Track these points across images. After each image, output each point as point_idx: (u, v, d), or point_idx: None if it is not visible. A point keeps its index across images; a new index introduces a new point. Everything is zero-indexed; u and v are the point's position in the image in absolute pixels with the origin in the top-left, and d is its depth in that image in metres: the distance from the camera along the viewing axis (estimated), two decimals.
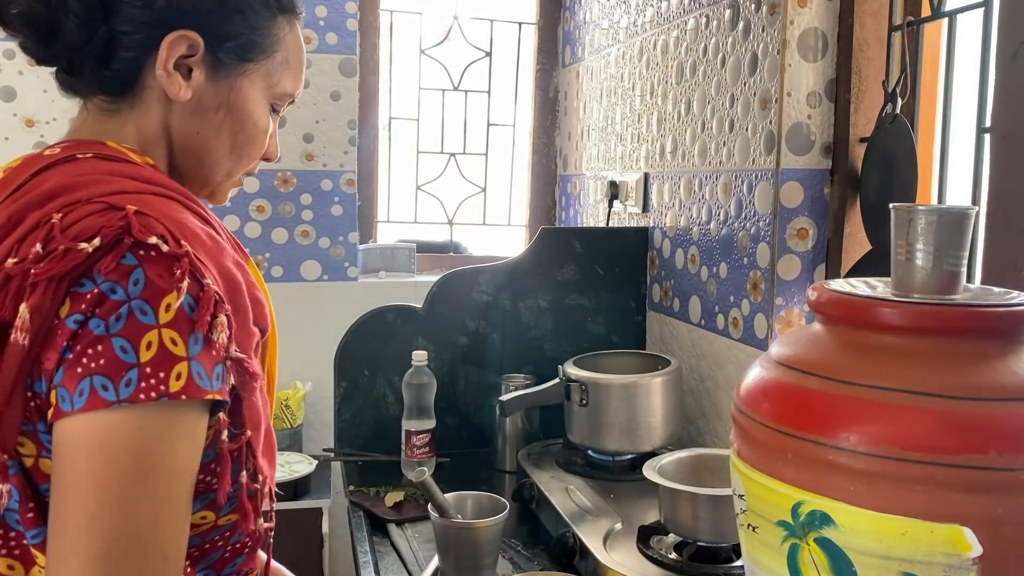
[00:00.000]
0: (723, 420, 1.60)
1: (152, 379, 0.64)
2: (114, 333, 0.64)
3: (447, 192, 2.67)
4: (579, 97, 2.42)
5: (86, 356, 0.64)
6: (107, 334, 0.64)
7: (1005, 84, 1.07)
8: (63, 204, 0.68)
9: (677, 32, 1.75)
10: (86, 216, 0.67)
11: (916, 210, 0.74)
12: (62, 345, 0.64)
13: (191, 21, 0.78)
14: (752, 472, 0.75)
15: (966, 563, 0.63)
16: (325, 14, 2.32)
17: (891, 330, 0.71)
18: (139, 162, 0.78)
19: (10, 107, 2.18)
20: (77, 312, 0.64)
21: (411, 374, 1.65)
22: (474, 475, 1.66)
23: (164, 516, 0.66)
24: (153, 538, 0.65)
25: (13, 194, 0.72)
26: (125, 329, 0.64)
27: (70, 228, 0.67)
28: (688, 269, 1.72)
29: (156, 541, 0.65)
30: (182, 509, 0.68)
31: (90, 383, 0.63)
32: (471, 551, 1.19)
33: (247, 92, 0.83)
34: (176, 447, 0.66)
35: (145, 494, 0.65)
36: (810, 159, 1.41)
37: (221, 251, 0.73)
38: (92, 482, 0.63)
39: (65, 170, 0.73)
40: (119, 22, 0.76)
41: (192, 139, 0.82)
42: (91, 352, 0.64)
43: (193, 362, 0.66)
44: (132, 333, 0.64)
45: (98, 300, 0.64)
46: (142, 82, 0.79)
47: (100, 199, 0.69)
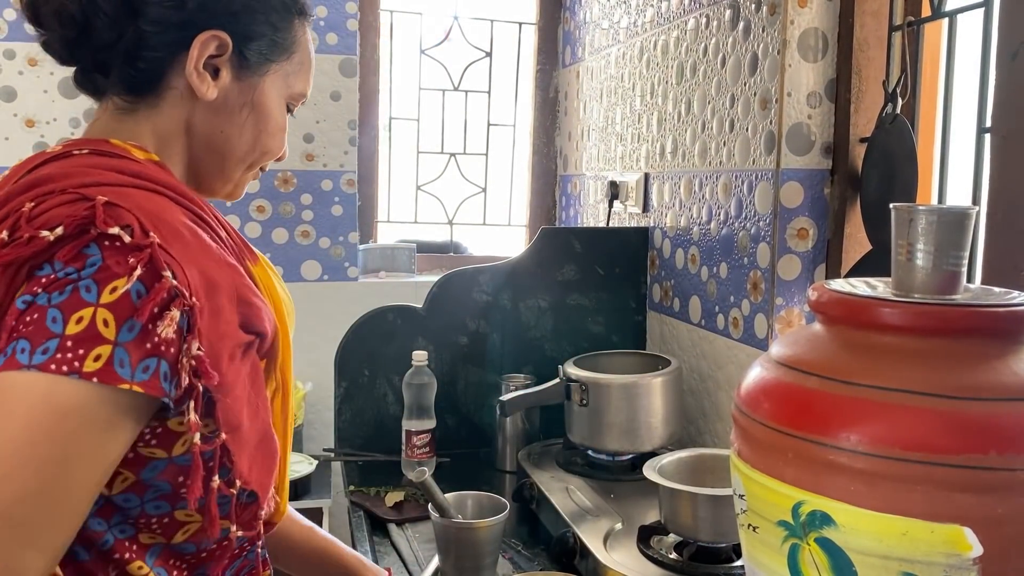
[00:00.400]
0: (723, 420, 1.60)
1: (69, 353, 0.63)
2: (52, 304, 0.64)
3: (447, 192, 2.67)
4: (579, 97, 2.42)
5: (23, 324, 0.64)
6: (47, 305, 0.65)
7: (1005, 84, 1.07)
8: (37, 194, 0.69)
9: (677, 32, 1.75)
10: (56, 206, 0.68)
11: (916, 210, 0.74)
12: (11, 325, 0.65)
13: (221, 22, 0.79)
14: (752, 472, 0.75)
15: (966, 563, 0.63)
16: (325, 14, 2.32)
17: (891, 330, 0.71)
18: (140, 159, 0.78)
19: (10, 107, 2.18)
20: (28, 293, 0.66)
21: (411, 374, 1.65)
22: (474, 475, 1.66)
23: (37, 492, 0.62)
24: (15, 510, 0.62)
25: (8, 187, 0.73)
26: (64, 302, 0.64)
27: (38, 217, 0.67)
28: (688, 269, 1.72)
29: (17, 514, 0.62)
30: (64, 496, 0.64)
31: (14, 346, 0.64)
32: (471, 551, 1.19)
33: (269, 91, 0.85)
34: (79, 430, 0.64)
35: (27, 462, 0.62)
36: (810, 159, 1.41)
37: (205, 250, 0.73)
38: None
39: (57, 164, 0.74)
40: (149, 22, 0.77)
41: (216, 137, 0.83)
42: (27, 320, 0.64)
43: (119, 348, 0.64)
44: (68, 306, 0.64)
45: (52, 282, 0.65)
46: (166, 82, 0.80)
47: (74, 190, 0.69)
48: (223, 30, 0.79)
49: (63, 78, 2.19)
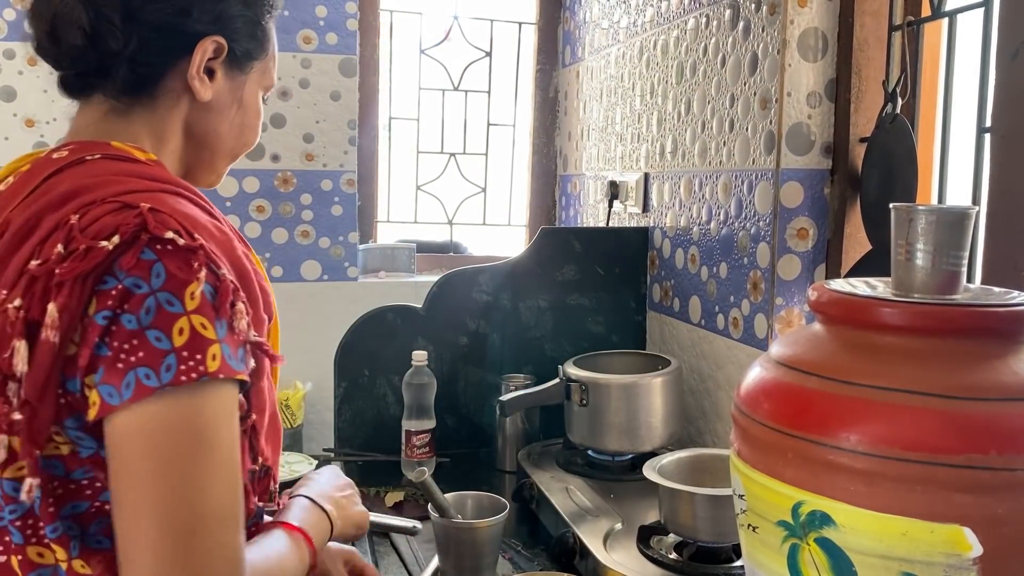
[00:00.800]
0: (723, 420, 1.60)
1: (190, 361, 0.67)
2: (146, 326, 0.67)
3: (447, 192, 2.67)
4: (579, 97, 2.42)
5: (123, 352, 0.66)
6: (140, 328, 0.67)
7: (1005, 84, 1.07)
8: (80, 205, 0.71)
9: (677, 32, 1.75)
10: (103, 215, 0.70)
11: (916, 210, 0.74)
12: (94, 341, 0.67)
13: (219, 27, 0.83)
14: (752, 472, 0.75)
15: (966, 563, 0.63)
16: (325, 14, 2.32)
17: (891, 330, 0.71)
18: (144, 160, 0.80)
19: (10, 107, 2.18)
20: (104, 308, 0.67)
21: (411, 374, 1.65)
22: (474, 475, 1.66)
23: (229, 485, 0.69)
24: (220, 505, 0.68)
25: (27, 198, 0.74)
26: (156, 320, 0.67)
27: (89, 228, 0.69)
28: (688, 269, 1.72)
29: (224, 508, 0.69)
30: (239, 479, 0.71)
31: (134, 375, 0.66)
32: (471, 551, 1.19)
33: (252, 87, 0.90)
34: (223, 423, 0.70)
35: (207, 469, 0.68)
36: (810, 159, 1.41)
37: (230, 242, 0.77)
38: (155, 467, 0.66)
39: (77, 172, 0.75)
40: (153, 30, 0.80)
41: (209, 135, 0.88)
42: (128, 347, 0.67)
43: (223, 344, 0.69)
44: (163, 323, 0.67)
45: (124, 296, 0.67)
46: (163, 83, 0.83)
47: (114, 199, 0.71)
48: (220, 35, 0.83)
49: None
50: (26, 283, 0.68)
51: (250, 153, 2.30)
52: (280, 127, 2.33)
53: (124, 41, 0.79)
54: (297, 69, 2.32)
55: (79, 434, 0.70)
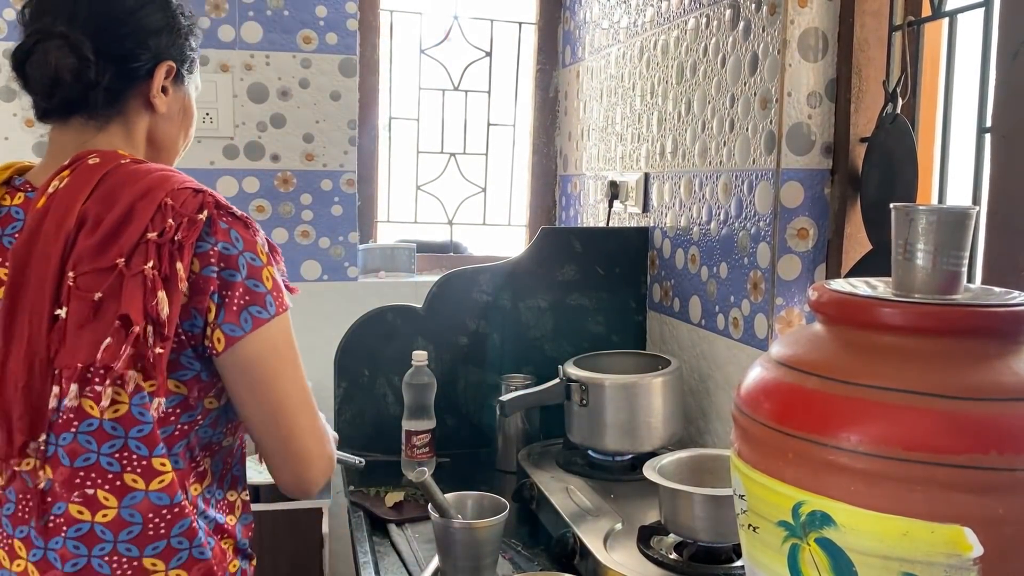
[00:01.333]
0: (723, 420, 1.60)
1: (278, 298, 0.95)
2: (245, 277, 0.92)
3: (447, 192, 2.67)
4: (579, 97, 2.42)
5: (235, 299, 0.91)
6: (241, 280, 0.92)
7: (1005, 84, 1.07)
8: (166, 192, 0.92)
9: (677, 32, 1.75)
10: (186, 198, 0.92)
11: (916, 210, 0.74)
12: (210, 291, 0.90)
13: (169, 53, 1.02)
14: (752, 472, 0.75)
15: (967, 563, 0.63)
16: (325, 14, 2.32)
17: (891, 330, 0.71)
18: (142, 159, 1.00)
19: (10, 107, 2.18)
20: (209, 265, 0.91)
21: (411, 374, 1.65)
22: (474, 475, 1.66)
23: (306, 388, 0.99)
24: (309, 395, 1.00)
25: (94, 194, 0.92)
26: (250, 273, 0.93)
27: (181, 207, 0.91)
28: (688, 269, 1.72)
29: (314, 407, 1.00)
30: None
31: (248, 313, 0.92)
32: (471, 551, 1.19)
33: (191, 94, 1.09)
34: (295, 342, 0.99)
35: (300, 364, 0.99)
36: (810, 159, 1.41)
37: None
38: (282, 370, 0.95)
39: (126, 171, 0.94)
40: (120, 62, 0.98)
41: (165, 139, 1.07)
42: (236, 295, 0.92)
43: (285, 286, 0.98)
44: (255, 274, 0.93)
45: (220, 256, 0.91)
46: (128, 101, 1.01)
47: (184, 186, 0.93)
48: (170, 59, 1.03)
49: None
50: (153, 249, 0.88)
51: (250, 153, 2.31)
52: (280, 127, 2.33)
53: (100, 74, 0.96)
54: (297, 69, 2.32)
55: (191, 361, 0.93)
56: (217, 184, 2.31)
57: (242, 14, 2.28)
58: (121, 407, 0.89)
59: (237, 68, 2.28)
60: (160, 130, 1.05)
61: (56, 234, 0.89)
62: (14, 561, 0.92)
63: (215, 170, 2.31)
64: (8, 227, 0.96)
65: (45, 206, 0.91)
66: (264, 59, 2.30)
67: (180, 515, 0.92)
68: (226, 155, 2.31)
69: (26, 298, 0.89)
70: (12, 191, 0.99)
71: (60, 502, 0.90)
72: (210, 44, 2.26)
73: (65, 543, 0.90)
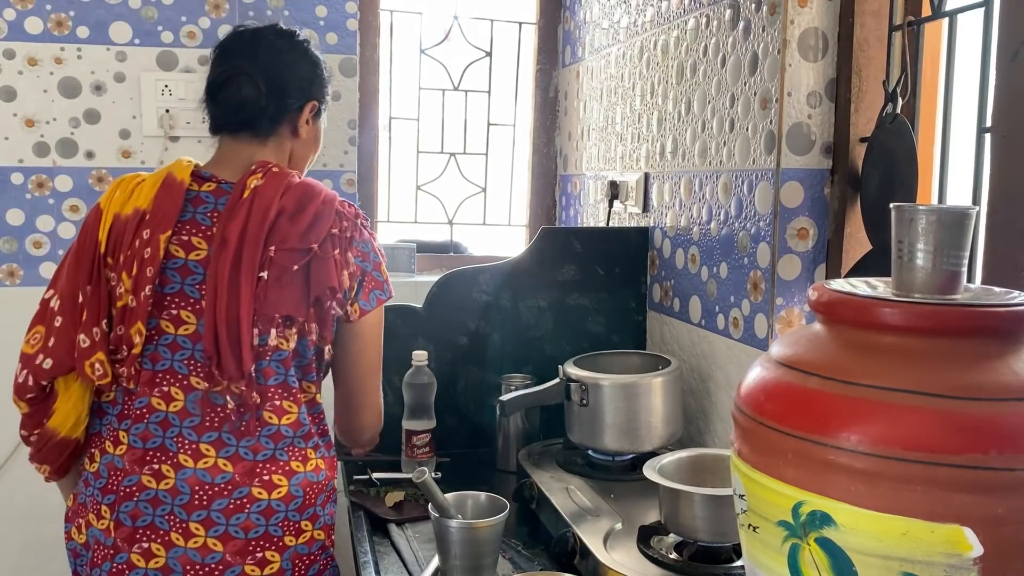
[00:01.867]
0: (723, 420, 1.60)
1: (390, 289, 1.34)
2: (372, 269, 1.31)
3: (447, 192, 2.67)
4: (579, 97, 2.42)
5: (369, 280, 1.31)
6: (370, 270, 1.31)
7: (1005, 84, 1.07)
8: (337, 201, 1.29)
9: (677, 32, 1.75)
10: (348, 206, 1.30)
11: (916, 210, 0.74)
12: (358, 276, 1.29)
13: (316, 95, 1.38)
14: (752, 472, 0.75)
15: (967, 563, 0.63)
16: (325, 14, 2.32)
17: (891, 330, 0.71)
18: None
19: (10, 107, 2.18)
20: (357, 256, 1.29)
21: (411, 374, 1.65)
22: (474, 475, 1.66)
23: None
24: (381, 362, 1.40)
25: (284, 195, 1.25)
26: (374, 266, 1.32)
27: (347, 213, 1.29)
28: (688, 269, 1.72)
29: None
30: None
31: (374, 295, 1.31)
32: (471, 551, 1.19)
33: (320, 127, 1.42)
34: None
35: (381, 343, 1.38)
36: (810, 159, 1.41)
37: None
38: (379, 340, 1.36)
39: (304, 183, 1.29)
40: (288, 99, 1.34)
41: (301, 160, 1.41)
42: (368, 280, 1.31)
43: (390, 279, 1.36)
44: (377, 268, 1.32)
45: (361, 252, 1.30)
46: (280, 127, 1.35)
47: (342, 199, 1.30)
48: (315, 99, 1.38)
49: (63, 78, 2.19)
50: (337, 241, 1.25)
51: None
52: None
53: (268, 104, 1.32)
54: None
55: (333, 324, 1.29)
56: None
57: (242, 14, 2.28)
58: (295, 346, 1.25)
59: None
60: (298, 151, 1.39)
61: (263, 219, 1.21)
62: (200, 459, 1.21)
63: None
64: (200, 207, 1.27)
65: (250, 197, 1.23)
66: None
67: (322, 419, 1.33)
68: None
69: (244, 263, 1.19)
70: (200, 180, 1.29)
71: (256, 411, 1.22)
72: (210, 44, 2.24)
73: (259, 439, 1.22)
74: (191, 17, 2.25)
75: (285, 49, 1.35)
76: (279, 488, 1.23)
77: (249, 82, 1.30)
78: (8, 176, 2.17)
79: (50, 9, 2.18)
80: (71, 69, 2.20)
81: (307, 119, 1.37)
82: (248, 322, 1.19)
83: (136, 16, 2.22)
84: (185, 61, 2.25)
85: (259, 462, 1.22)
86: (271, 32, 1.37)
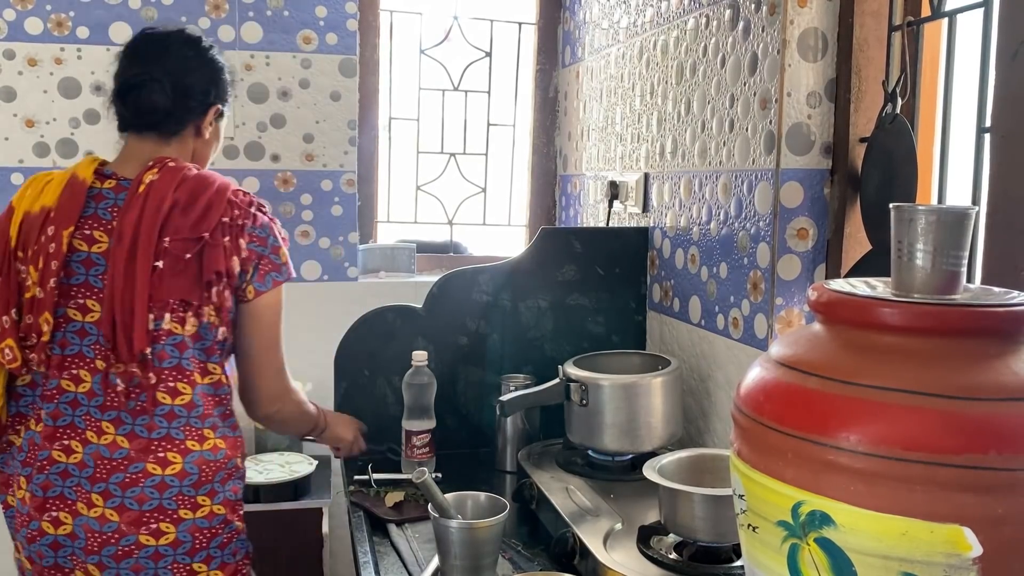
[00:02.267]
0: (723, 420, 1.60)
1: (289, 271, 1.40)
2: (269, 252, 1.37)
3: (447, 192, 2.67)
4: (579, 97, 2.42)
5: (263, 266, 1.37)
6: (266, 254, 1.37)
7: (1005, 84, 1.07)
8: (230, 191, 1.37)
9: (677, 32, 1.75)
10: (242, 194, 1.38)
11: (916, 210, 0.74)
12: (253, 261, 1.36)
13: (217, 100, 1.46)
14: (752, 472, 0.75)
15: (966, 563, 0.63)
16: (325, 14, 2.32)
17: (891, 330, 0.71)
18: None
19: (10, 107, 2.18)
20: (252, 241, 1.36)
21: (411, 374, 1.65)
22: (474, 475, 1.66)
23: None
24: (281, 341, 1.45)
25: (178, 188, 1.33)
26: (272, 250, 1.38)
27: (240, 202, 1.36)
28: (688, 269, 1.72)
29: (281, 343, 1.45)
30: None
31: (270, 276, 1.37)
32: (471, 551, 1.19)
33: (222, 127, 1.52)
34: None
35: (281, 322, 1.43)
36: (810, 159, 1.41)
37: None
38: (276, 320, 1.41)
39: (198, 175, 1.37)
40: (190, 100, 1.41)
41: (203, 159, 1.48)
42: (264, 264, 1.37)
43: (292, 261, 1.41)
44: (276, 252, 1.38)
45: (257, 237, 1.36)
46: (185, 128, 1.43)
47: (238, 188, 1.39)
48: (219, 103, 1.47)
49: (63, 78, 2.19)
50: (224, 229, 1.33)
51: (250, 153, 2.32)
52: (280, 127, 2.33)
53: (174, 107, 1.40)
54: (297, 69, 2.32)
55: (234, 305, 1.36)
56: None
57: (242, 14, 2.28)
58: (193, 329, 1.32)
59: (237, 68, 2.28)
60: (201, 150, 1.48)
61: (157, 212, 1.29)
62: (102, 436, 1.29)
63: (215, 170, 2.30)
64: (102, 203, 1.34)
65: (145, 191, 1.31)
66: (264, 59, 2.30)
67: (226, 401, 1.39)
68: (226, 155, 2.31)
69: (139, 253, 1.27)
70: (102, 178, 1.37)
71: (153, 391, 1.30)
72: None
73: (153, 418, 1.30)
74: (191, 17, 2.25)
75: (192, 56, 1.43)
76: (173, 465, 1.30)
77: (159, 89, 1.37)
78: (8, 176, 2.18)
79: (50, 9, 2.18)
80: (71, 69, 2.20)
81: (210, 121, 1.46)
82: (142, 308, 1.27)
83: (136, 16, 2.22)
84: None
85: (154, 440, 1.30)
86: (179, 39, 1.44)
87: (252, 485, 2.02)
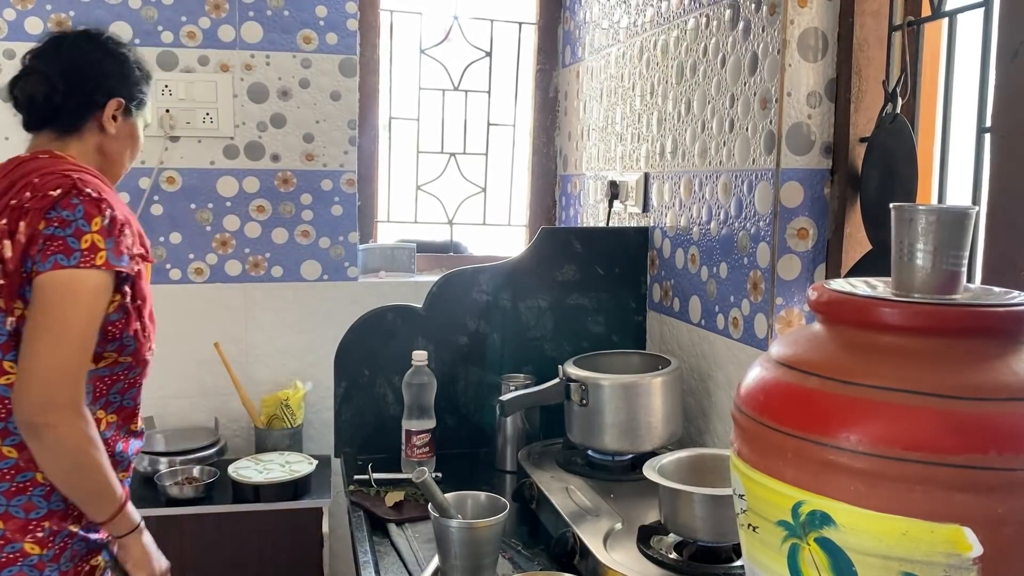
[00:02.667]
0: (723, 420, 1.60)
1: (87, 257, 1.23)
2: (68, 235, 1.24)
3: (447, 192, 2.67)
4: (579, 97, 2.42)
5: (52, 245, 1.23)
6: (65, 235, 1.23)
7: (1005, 84, 1.07)
8: (39, 174, 1.28)
9: (677, 32, 1.75)
10: (52, 179, 1.27)
11: (916, 210, 0.74)
12: (39, 242, 1.23)
13: (121, 92, 1.40)
14: (752, 472, 0.75)
15: (966, 563, 0.63)
16: (325, 14, 2.32)
17: (891, 330, 0.71)
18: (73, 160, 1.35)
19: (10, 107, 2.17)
20: (48, 226, 1.24)
21: (411, 374, 1.65)
22: (474, 475, 1.66)
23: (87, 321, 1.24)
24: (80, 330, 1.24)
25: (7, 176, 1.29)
26: (74, 233, 1.24)
27: (44, 185, 1.26)
28: (688, 269, 1.72)
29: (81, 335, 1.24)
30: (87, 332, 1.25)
31: (54, 257, 1.22)
32: (471, 551, 1.19)
33: (138, 126, 1.46)
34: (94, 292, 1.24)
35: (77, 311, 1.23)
36: (810, 159, 1.41)
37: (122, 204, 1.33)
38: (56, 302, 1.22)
39: (34, 161, 1.31)
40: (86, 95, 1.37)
41: (112, 153, 1.42)
42: (54, 243, 1.23)
43: (109, 252, 1.25)
44: (77, 235, 1.24)
45: (62, 221, 1.24)
46: (86, 123, 1.38)
47: (59, 172, 1.28)
48: (121, 96, 1.40)
49: None
50: (9, 212, 1.24)
51: (250, 153, 2.32)
52: (280, 127, 2.33)
53: (65, 101, 1.36)
54: (297, 69, 2.32)
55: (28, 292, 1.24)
56: (217, 184, 2.31)
57: (242, 14, 2.28)
58: None
59: (237, 68, 2.28)
60: (108, 147, 1.41)
61: None
62: None
63: (215, 170, 2.31)
64: None
65: None
66: (264, 59, 2.30)
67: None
68: (226, 155, 2.31)
69: None
70: None
71: None
72: (210, 44, 2.27)
73: None
74: (191, 17, 2.25)
75: (88, 49, 1.39)
76: None
77: (41, 80, 1.35)
78: None
79: (50, 9, 2.18)
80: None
81: (112, 115, 1.38)
82: None
83: (136, 16, 2.22)
84: (185, 61, 2.25)
85: None
86: (75, 34, 1.41)
87: (252, 485, 2.02)
